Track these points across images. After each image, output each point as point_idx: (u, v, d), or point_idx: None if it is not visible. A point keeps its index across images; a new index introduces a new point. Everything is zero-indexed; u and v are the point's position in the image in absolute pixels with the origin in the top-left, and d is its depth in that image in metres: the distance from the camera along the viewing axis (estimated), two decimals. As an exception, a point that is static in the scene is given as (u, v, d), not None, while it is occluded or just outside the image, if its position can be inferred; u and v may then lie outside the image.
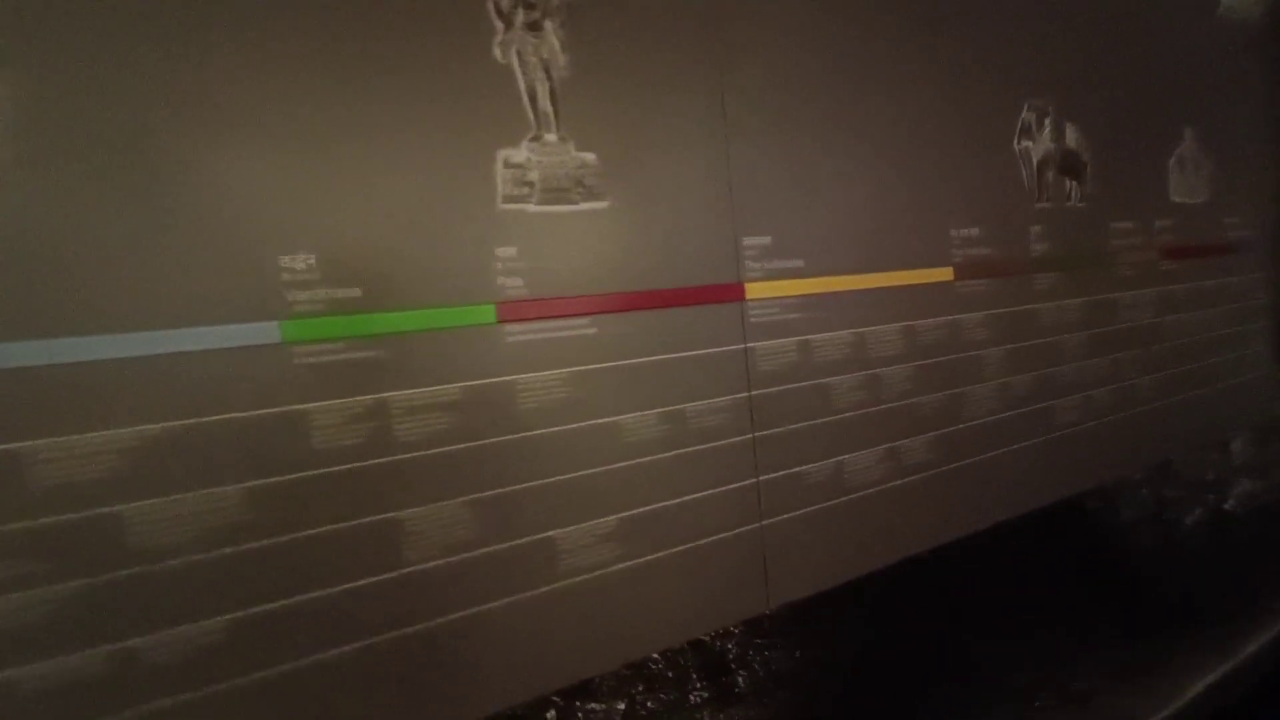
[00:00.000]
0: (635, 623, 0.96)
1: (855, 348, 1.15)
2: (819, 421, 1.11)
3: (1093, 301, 1.49)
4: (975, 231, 1.29)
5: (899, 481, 1.20)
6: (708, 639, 1.10)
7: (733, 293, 1.02)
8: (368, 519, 0.78)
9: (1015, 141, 1.35)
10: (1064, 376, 1.45)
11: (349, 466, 0.77)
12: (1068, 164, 1.44)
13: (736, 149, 1.02)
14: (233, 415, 0.72)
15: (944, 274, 1.25)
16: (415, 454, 0.80)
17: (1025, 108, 1.36)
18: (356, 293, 0.78)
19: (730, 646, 1.12)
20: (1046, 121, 1.40)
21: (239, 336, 0.71)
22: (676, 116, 0.97)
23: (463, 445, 0.83)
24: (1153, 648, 1.46)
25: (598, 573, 0.93)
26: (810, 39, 1.09)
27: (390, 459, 0.79)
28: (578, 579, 0.91)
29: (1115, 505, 1.68)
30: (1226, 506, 1.96)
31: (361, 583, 0.78)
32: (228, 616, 0.71)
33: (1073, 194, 1.46)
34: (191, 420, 0.70)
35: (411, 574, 0.80)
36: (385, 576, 0.79)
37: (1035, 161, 1.39)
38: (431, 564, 0.81)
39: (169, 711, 0.67)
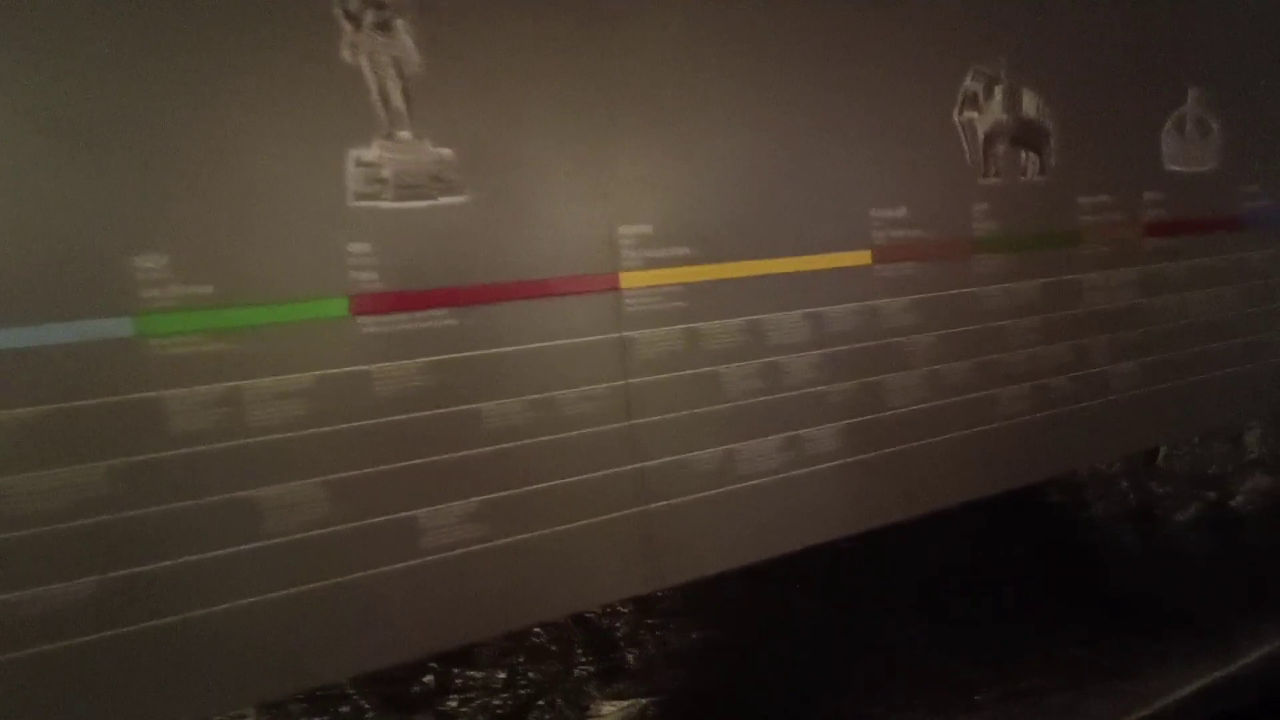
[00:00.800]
0: (509, 596, 1.01)
1: (751, 335, 1.13)
2: (708, 409, 1.11)
3: (1053, 284, 1.39)
4: (901, 212, 1.23)
5: (804, 470, 1.19)
6: (595, 616, 1.14)
7: (606, 282, 1.03)
8: (223, 495, 0.86)
9: (956, 113, 1.27)
10: (1011, 364, 1.37)
11: (204, 448, 0.85)
12: (1024, 135, 1.34)
13: (614, 137, 1.02)
14: (96, 401, 0.80)
15: (860, 257, 1.20)
16: (269, 437, 0.87)
17: (969, 75, 1.27)
18: (208, 289, 0.84)
19: (619, 625, 1.16)
20: (997, 90, 1.30)
21: (97, 331, 0.79)
22: (545, 107, 0.98)
23: (318, 430, 0.89)
24: (1120, 651, 1.39)
25: (463, 550, 0.98)
26: (697, 6, 1.06)
27: (244, 442, 0.86)
28: (443, 555, 0.97)
29: (1084, 498, 1.59)
30: (1234, 503, 1.81)
31: (223, 551, 0.86)
32: (93, 578, 0.80)
33: (1029, 168, 1.35)
34: (56, 405, 0.79)
35: (269, 546, 0.88)
36: (245, 547, 0.87)
37: (981, 134, 1.29)
38: (288, 538, 0.89)
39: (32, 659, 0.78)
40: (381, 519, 0.94)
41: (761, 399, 1.15)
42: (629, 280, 1.04)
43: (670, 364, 1.08)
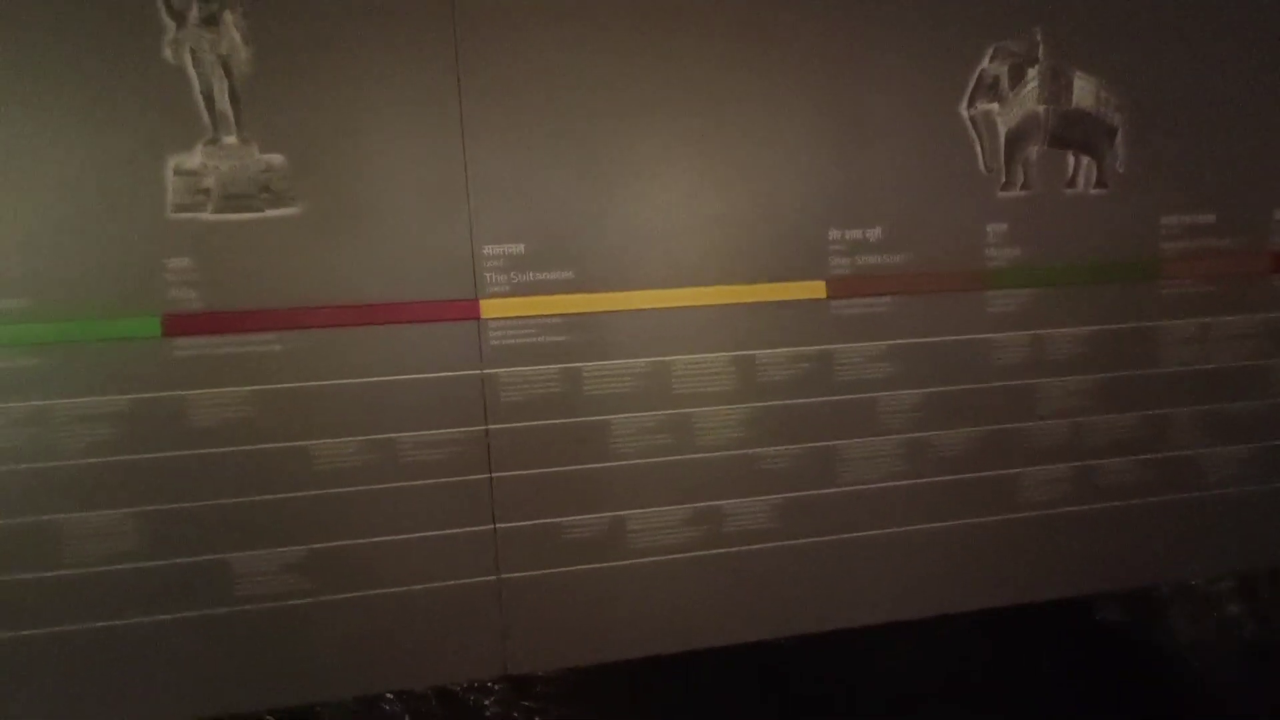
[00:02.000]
0: (341, 660, 0.89)
1: (654, 380, 0.92)
2: (588, 466, 0.92)
3: (1115, 332, 1.03)
4: (874, 233, 0.96)
5: (720, 551, 0.95)
6: (459, 691, 0.99)
7: (462, 310, 0.87)
8: (19, 520, 0.81)
9: (965, 104, 0.97)
10: (1040, 437, 1.02)
11: (8, 469, 0.81)
12: (1073, 133, 1.00)
13: (477, 143, 0.86)
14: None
15: (811, 289, 0.95)
16: (74, 462, 0.82)
17: (989, 55, 0.96)
18: (21, 303, 0.80)
19: (488, 703, 1.00)
20: (1031, 74, 0.98)
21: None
22: (393, 108, 0.85)
23: (125, 457, 0.83)
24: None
25: (284, 602, 0.87)
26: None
27: (47, 465, 0.81)
28: (262, 606, 0.87)
29: (1165, 620, 1.17)
30: None
31: (17, 577, 0.82)
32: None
33: (1082, 177, 1.01)
34: None
35: (69, 577, 0.83)
36: (43, 575, 0.82)
37: (1003, 132, 0.98)
38: (90, 570, 0.83)
39: None
40: (193, 559, 0.85)
41: (664, 460, 0.93)
42: (493, 308, 0.88)
43: (543, 409, 0.90)
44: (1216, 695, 1.18)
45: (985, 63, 0.97)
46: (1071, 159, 1.00)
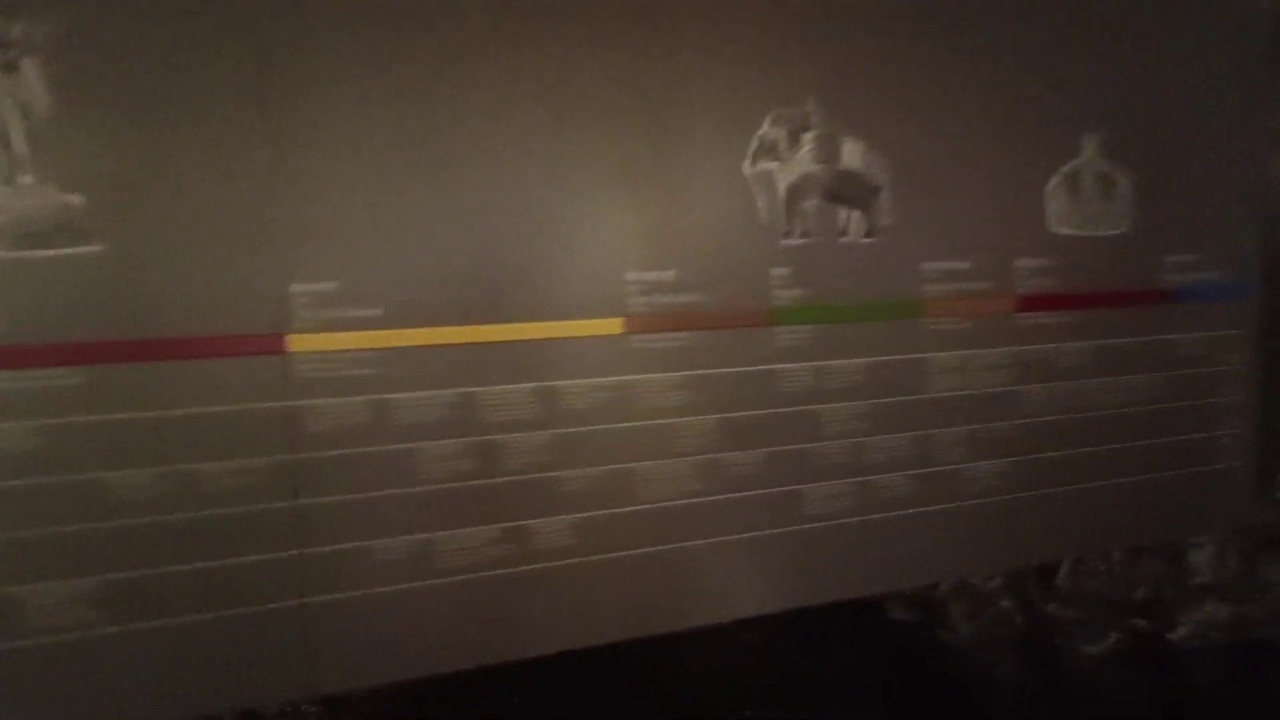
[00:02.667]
0: (139, 691, 0.91)
1: (461, 410, 0.99)
2: (396, 492, 0.98)
3: (886, 363, 1.18)
4: (669, 274, 1.07)
5: (524, 568, 1.03)
6: (269, 716, 1.01)
7: (269, 344, 0.92)
8: None
9: (748, 163, 1.10)
10: (824, 456, 1.16)
11: None
12: (843, 190, 1.15)
13: (288, 182, 0.92)
14: None
15: (608, 326, 1.05)
16: None
17: (768, 121, 1.10)
18: None
19: (302, 726, 1.03)
20: (805, 138, 1.12)
21: None
22: (199, 148, 0.89)
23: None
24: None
25: (81, 633, 0.88)
26: (397, 26, 0.95)
27: None
28: (57, 638, 0.88)
29: (945, 618, 1.32)
30: (1172, 636, 1.48)
31: None
32: None
33: (851, 228, 1.16)
34: None
35: None
36: None
37: (783, 187, 1.12)
38: None
39: None
40: (-21, 593, 0.86)
41: (471, 483, 1.00)
42: (302, 343, 0.93)
43: (352, 438, 0.96)
44: (992, 681, 1.34)
45: (765, 127, 1.10)
46: (844, 212, 1.15)
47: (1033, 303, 1.26)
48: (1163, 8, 1.31)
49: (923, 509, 1.22)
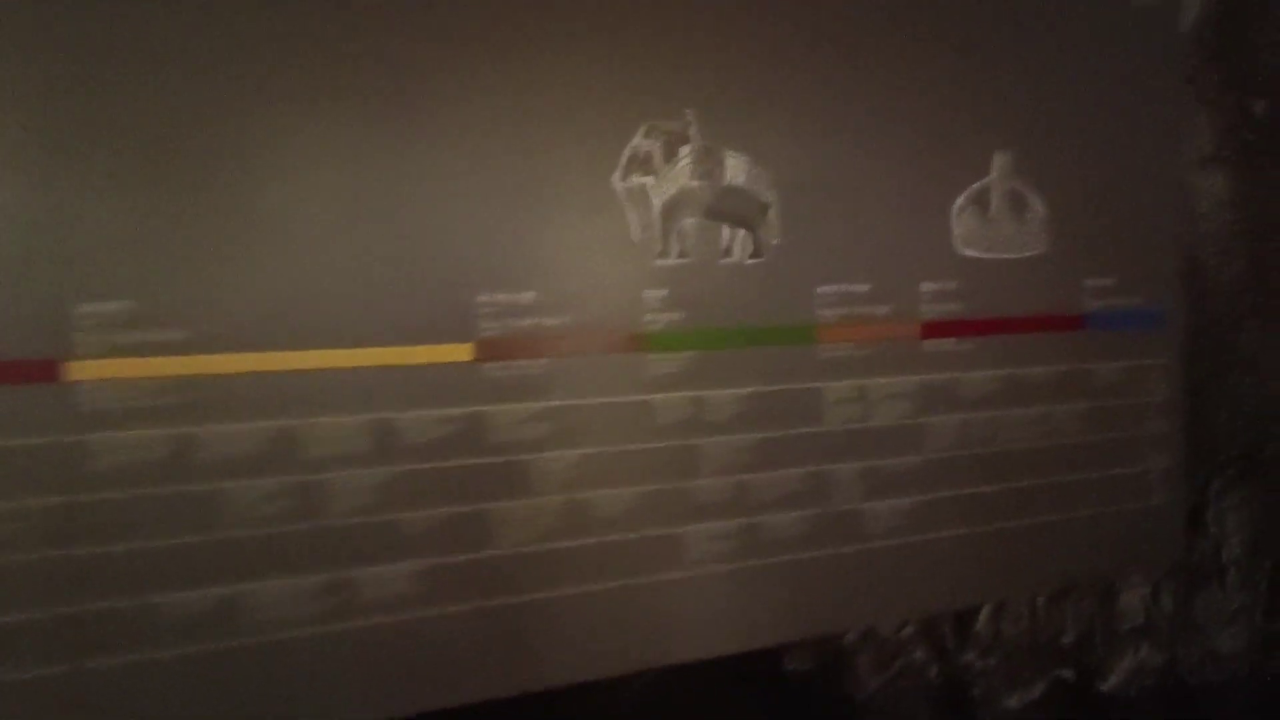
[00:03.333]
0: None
1: (281, 444, 0.88)
2: (202, 538, 0.86)
3: (773, 393, 1.09)
4: (527, 296, 0.97)
5: (353, 624, 0.91)
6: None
7: (44, 371, 0.81)
8: None
9: (619, 177, 1.01)
10: (705, 494, 1.06)
11: None
12: (726, 207, 1.06)
13: (74, 189, 0.81)
14: None
15: (456, 352, 0.95)
16: None
17: (643, 132, 1.02)
18: None
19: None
20: (684, 150, 1.04)
21: None
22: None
23: None
24: None
25: None
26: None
27: None
28: None
29: (853, 670, 1.22)
30: (1104, 687, 1.39)
31: None
32: None
33: (737, 248, 1.07)
34: None
35: None
36: None
37: (658, 204, 1.03)
38: None
39: None
40: None
41: (291, 527, 0.89)
42: (86, 370, 0.82)
43: (149, 476, 0.84)
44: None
45: (638, 139, 1.02)
46: (726, 231, 1.07)
47: (938, 328, 1.17)
48: (1080, 24, 1.26)
49: (820, 552, 1.12)
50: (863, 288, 1.13)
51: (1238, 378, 1.47)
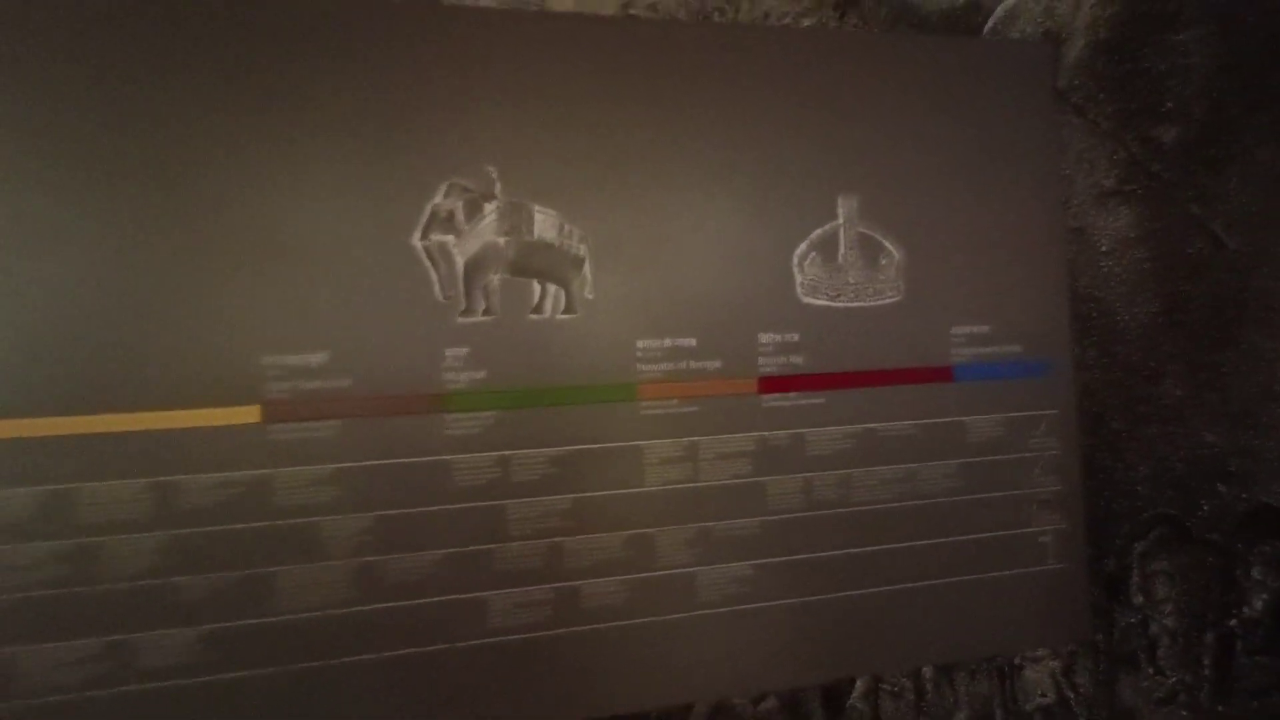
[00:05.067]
0: None
1: (49, 509, 0.90)
2: (-28, 602, 0.88)
3: (591, 453, 1.05)
4: (318, 358, 0.97)
5: (123, 689, 0.91)
6: None
7: None
8: None
9: (419, 236, 1.01)
10: (511, 559, 1.02)
11: None
12: (534, 263, 1.05)
13: None
14: None
15: (245, 414, 0.95)
16: None
17: (444, 190, 1.02)
18: None
19: None
20: (489, 207, 1.03)
21: None
22: None
23: None
24: None
25: None
26: None
27: None
28: None
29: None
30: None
31: None
32: None
33: (549, 302, 1.05)
34: None
35: None
36: None
37: (461, 261, 1.02)
38: None
39: None
40: None
41: (57, 592, 0.90)
42: None
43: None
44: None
45: (439, 197, 1.02)
46: (538, 286, 1.05)
47: (779, 383, 1.12)
48: (941, 57, 1.21)
49: (646, 619, 1.06)
50: (689, 341, 1.09)
51: (1160, 430, 1.34)
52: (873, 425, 1.15)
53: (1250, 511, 1.37)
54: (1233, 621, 1.36)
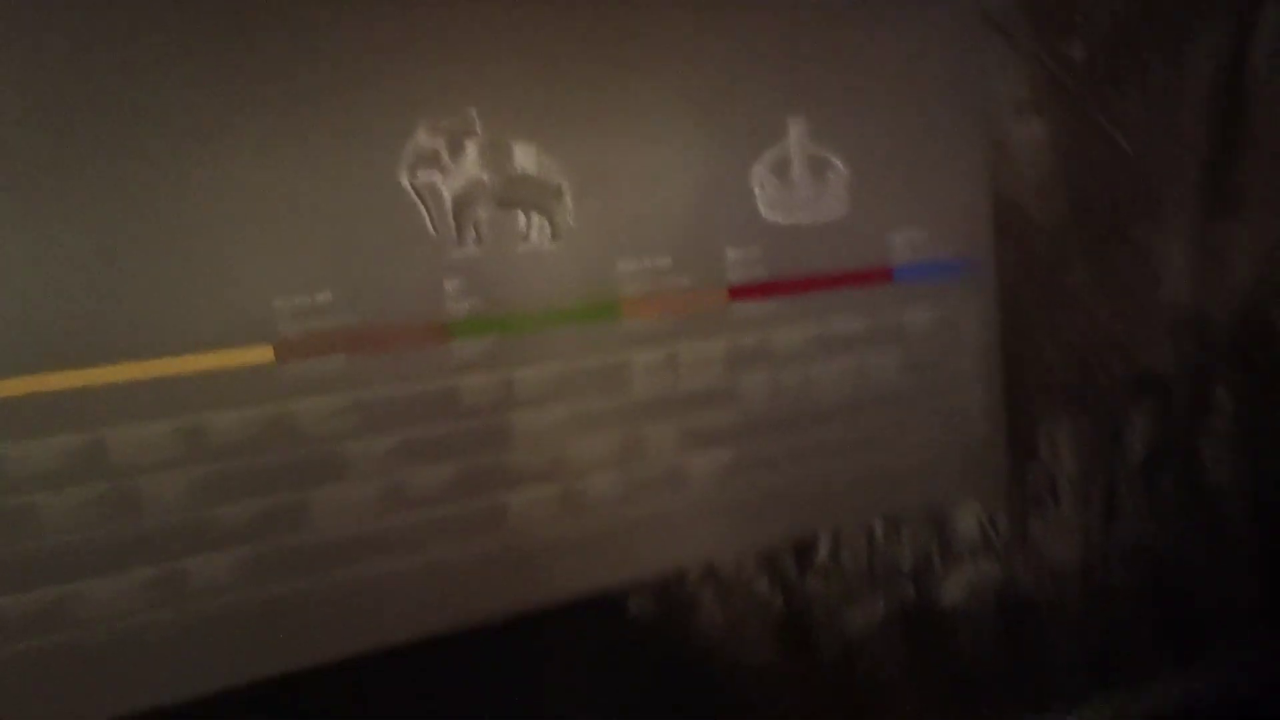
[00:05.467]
0: None
1: (86, 456, 0.95)
2: (22, 547, 0.94)
3: (585, 368, 1.16)
4: (324, 296, 1.03)
5: (191, 607, 1.00)
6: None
7: None
8: None
9: (406, 176, 1.06)
10: (527, 462, 1.14)
11: None
12: (518, 195, 1.11)
13: None
14: None
15: (260, 354, 1.01)
16: None
17: (423, 130, 1.06)
18: None
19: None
20: (470, 144, 1.09)
21: None
22: None
23: None
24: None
25: None
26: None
27: None
28: None
29: (697, 605, 1.33)
30: (942, 599, 1.52)
31: None
32: None
33: (534, 232, 1.13)
34: None
35: None
36: None
37: (449, 197, 1.08)
38: None
39: None
40: None
41: (111, 529, 0.97)
42: (-115, 400, 0.88)
43: (-35, 496, 0.91)
44: (750, 665, 1.36)
45: (421, 137, 1.06)
46: (522, 217, 1.12)
47: (745, 291, 1.25)
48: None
49: (643, 506, 1.22)
50: (665, 260, 1.20)
51: (1064, 315, 1.56)
52: (826, 323, 1.30)
53: (1134, 377, 1.64)
54: (1119, 469, 1.65)
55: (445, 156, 1.07)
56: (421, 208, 1.07)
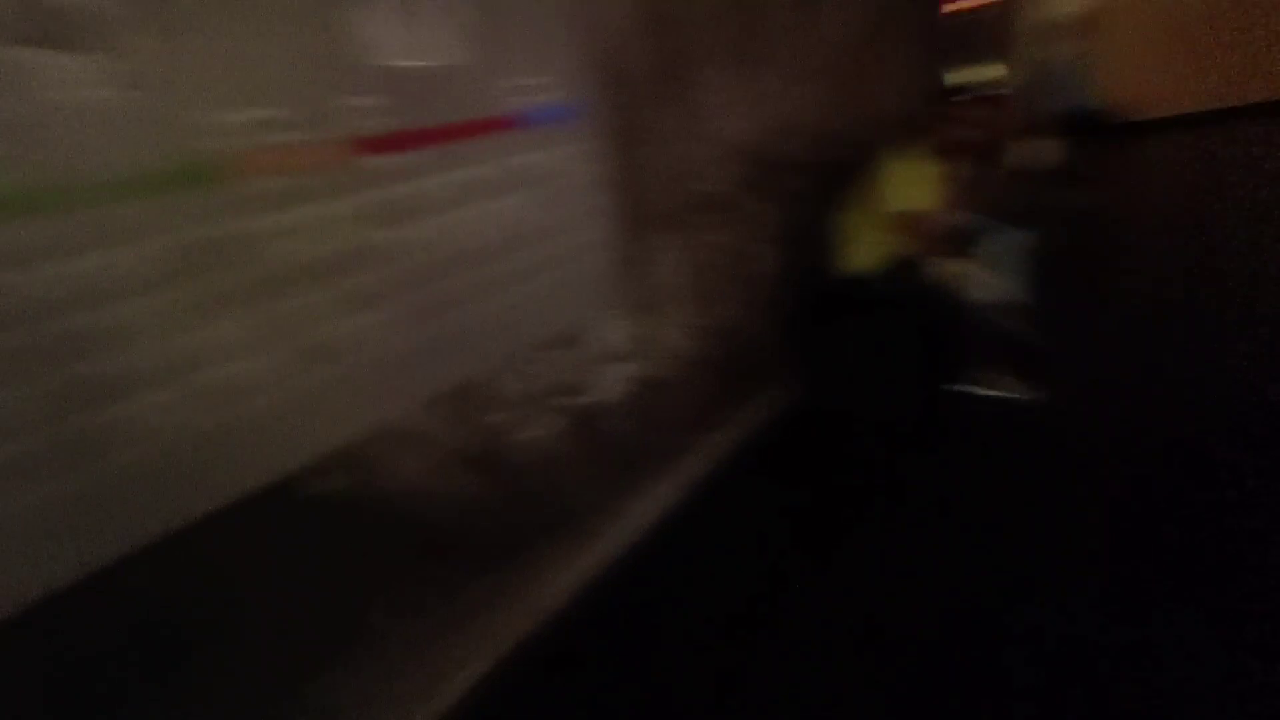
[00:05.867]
0: None
1: None
2: None
3: (203, 239, 1.02)
4: None
5: None
6: None
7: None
8: None
9: None
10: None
11: None
12: (47, 29, 0.85)
13: None
14: None
15: None
16: None
17: None
18: None
19: None
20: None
21: None
22: None
23: None
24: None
25: None
26: None
27: None
28: None
29: (385, 459, 1.40)
30: (592, 400, 1.86)
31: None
32: None
33: (68, 80, 0.89)
34: None
35: None
36: None
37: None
38: None
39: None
40: None
41: None
42: None
43: None
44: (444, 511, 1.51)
45: None
46: (46, 58, 0.87)
47: (371, 144, 1.21)
48: None
49: (293, 377, 1.17)
50: (275, 113, 1.07)
51: (656, 146, 1.89)
52: (460, 171, 1.35)
53: (705, 196, 2.10)
54: (707, 271, 2.15)
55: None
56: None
